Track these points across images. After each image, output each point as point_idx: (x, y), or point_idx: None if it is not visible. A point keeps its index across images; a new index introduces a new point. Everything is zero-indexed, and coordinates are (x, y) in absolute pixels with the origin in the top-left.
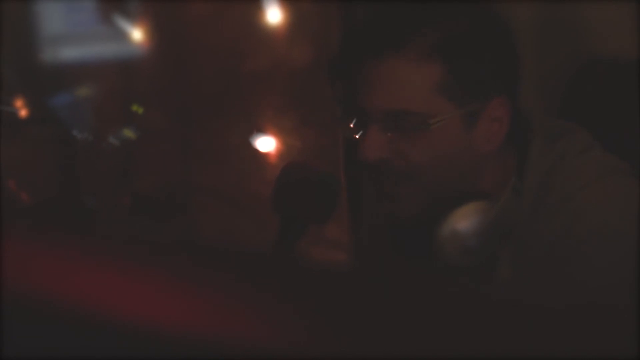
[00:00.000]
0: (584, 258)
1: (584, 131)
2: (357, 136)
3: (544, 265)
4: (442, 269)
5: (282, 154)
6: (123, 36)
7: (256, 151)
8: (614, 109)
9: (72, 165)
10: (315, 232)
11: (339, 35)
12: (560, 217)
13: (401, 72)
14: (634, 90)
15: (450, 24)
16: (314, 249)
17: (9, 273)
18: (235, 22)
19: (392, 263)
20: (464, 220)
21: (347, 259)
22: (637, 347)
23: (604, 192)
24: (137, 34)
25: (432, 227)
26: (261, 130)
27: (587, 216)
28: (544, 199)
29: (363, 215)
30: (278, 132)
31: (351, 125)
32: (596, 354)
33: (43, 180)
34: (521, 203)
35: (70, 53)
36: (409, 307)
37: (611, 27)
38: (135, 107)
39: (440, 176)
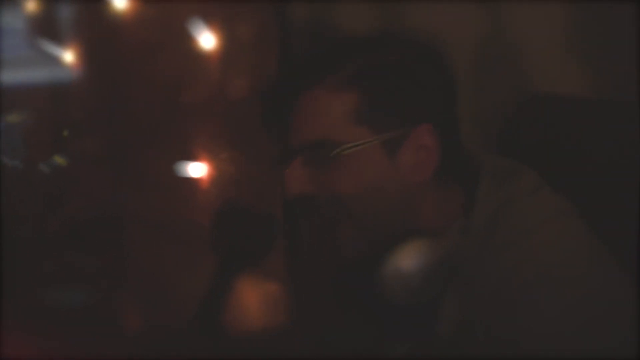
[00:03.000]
0: (530, 302)
1: (532, 172)
2: (282, 171)
3: (490, 307)
4: (386, 310)
5: (216, 183)
6: (54, 61)
7: (189, 179)
8: (556, 146)
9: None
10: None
11: (277, 67)
12: (507, 260)
13: (318, 102)
14: (577, 126)
15: (371, 55)
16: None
17: None
18: (171, 51)
19: (332, 308)
20: (408, 259)
21: (285, 293)
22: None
23: (551, 236)
24: (67, 57)
25: (375, 267)
26: (195, 159)
27: (534, 260)
28: (491, 240)
29: (301, 255)
30: (213, 161)
31: (278, 161)
32: None
33: None
34: (468, 243)
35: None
36: None
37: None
38: (65, 133)
39: (370, 211)
